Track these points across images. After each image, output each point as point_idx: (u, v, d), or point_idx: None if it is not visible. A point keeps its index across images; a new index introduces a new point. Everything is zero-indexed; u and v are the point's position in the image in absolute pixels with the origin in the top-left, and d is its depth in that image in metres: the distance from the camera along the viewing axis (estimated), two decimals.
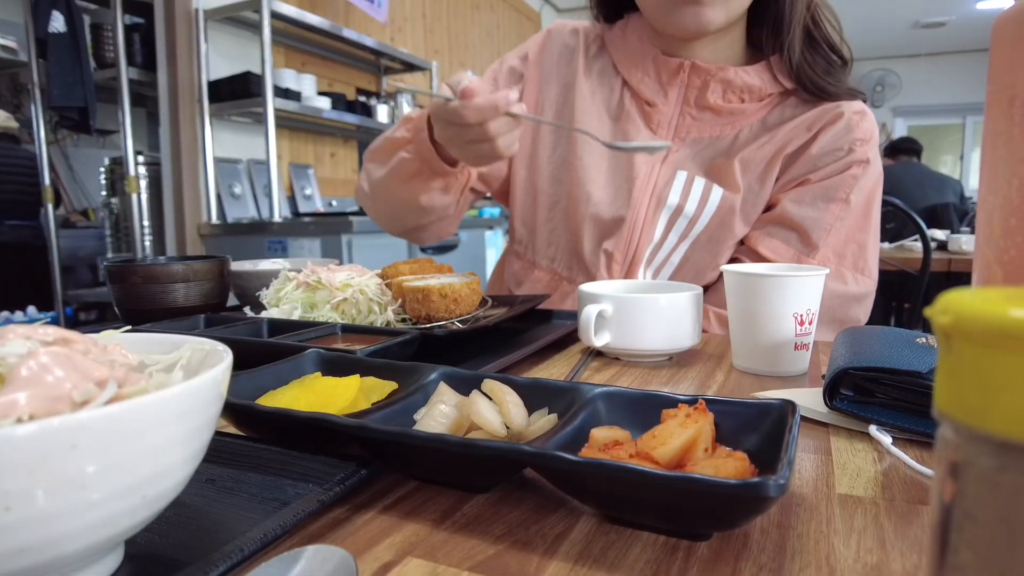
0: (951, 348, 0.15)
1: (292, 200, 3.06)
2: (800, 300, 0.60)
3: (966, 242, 2.59)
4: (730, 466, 0.32)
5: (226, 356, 0.31)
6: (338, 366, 0.49)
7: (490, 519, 0.34)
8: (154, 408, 0.24)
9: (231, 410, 0.40)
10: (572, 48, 1.02)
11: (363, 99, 3.24)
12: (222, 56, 2.67)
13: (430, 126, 0.82)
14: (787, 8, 0.85)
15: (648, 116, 0.94)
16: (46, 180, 2.78)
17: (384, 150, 0.93)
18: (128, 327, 0.36)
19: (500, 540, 0.32)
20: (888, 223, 2.60)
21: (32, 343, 0.27)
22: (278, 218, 2.53)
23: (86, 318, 3.05)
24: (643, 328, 0.64)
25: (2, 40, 2.80)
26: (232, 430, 0.42)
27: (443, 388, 0.43)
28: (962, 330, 0.14)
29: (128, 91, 2.45)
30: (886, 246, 2.65)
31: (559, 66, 1.02)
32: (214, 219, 2.59)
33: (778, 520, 0.34)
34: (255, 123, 2.83)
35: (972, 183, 6.49)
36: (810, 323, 0.61)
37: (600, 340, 0.65)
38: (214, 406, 0.28)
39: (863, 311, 0.87)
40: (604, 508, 0.34)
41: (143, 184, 2.52)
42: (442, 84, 0.72)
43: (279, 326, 0.68)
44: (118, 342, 0.34)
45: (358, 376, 0.46)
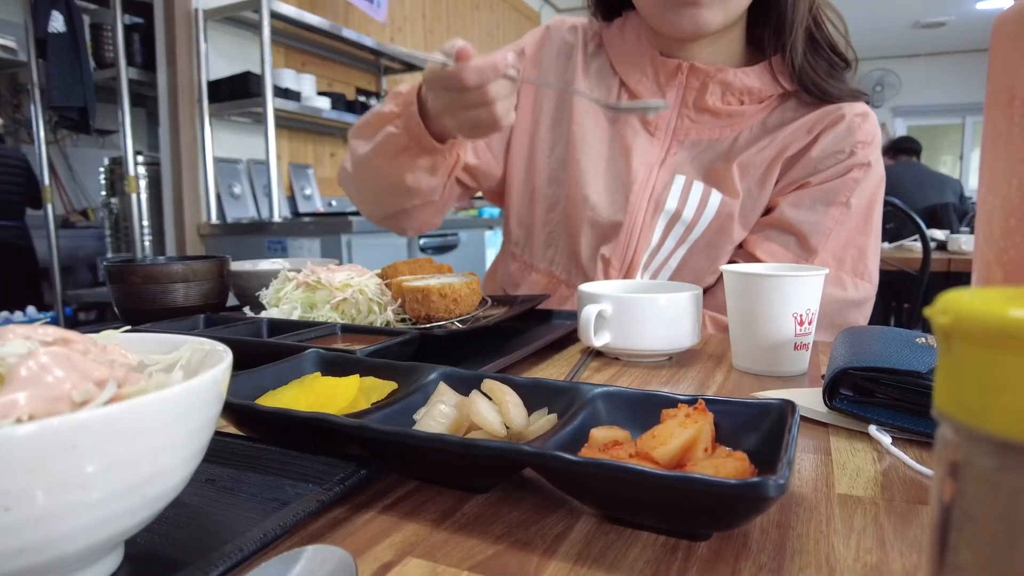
0: (951, 348, 0.15)
1: (292, 200, 3.07)
2: (800, 300, 0.60)
3: (965, 242, 2.60)
4: (730, 466, 0.32)
5: (226, 356, 0.31)
6: (338, 366, 0.49)
7: (490, 519, 0.34)
8: (154, 408, 0.24)
9: (231, 410, 0.40)
10: (571, 45, 0.99)
11: (363, 99, 3.24)
12: (222, 56, 2.67)
13: (420, 101, 0.79)
14: (788, 8, 0.83)
15: (645, 118, 0.92)
16: (46, 180, 2.79)
17: (371, 125, 0.88)
18: (128, 327, 0.36)
19: (500, 540, 0.32)
20: (888, 223, 2.60)
21: (32, 343, 0.27)
22: (278, 218, 2.53)
23: (86, 318, 3.05)
24: (643, 328, 0.64)
25: (2, 40, 2.80)
26: (232, 430, 0.42)
27: (443, 388, 0.43)
28: (962, 330, 0.14)
29: (128, 91, 2.45)
30: (886, 246, 2.66)
31: (557, 64, 0.99)
32: (214, 219, 2.59)
33: (778, 520, 0.34)
34: (255, 123, 2.83)
35: (972, 183, 6.50)
36: (810, 323, 0.61)
37: (600, 340, 0.65)
38: (214, 406, 0.28)
39: (862, 316, 0.86)
40: (604, 508, 0.34)
41: (143, 184, 2.52)
42: (434, 51, 0.68)
43: (279, 326, 0.68)
44: (118, 342, 0.34)
45: (358, 376, 0.46)
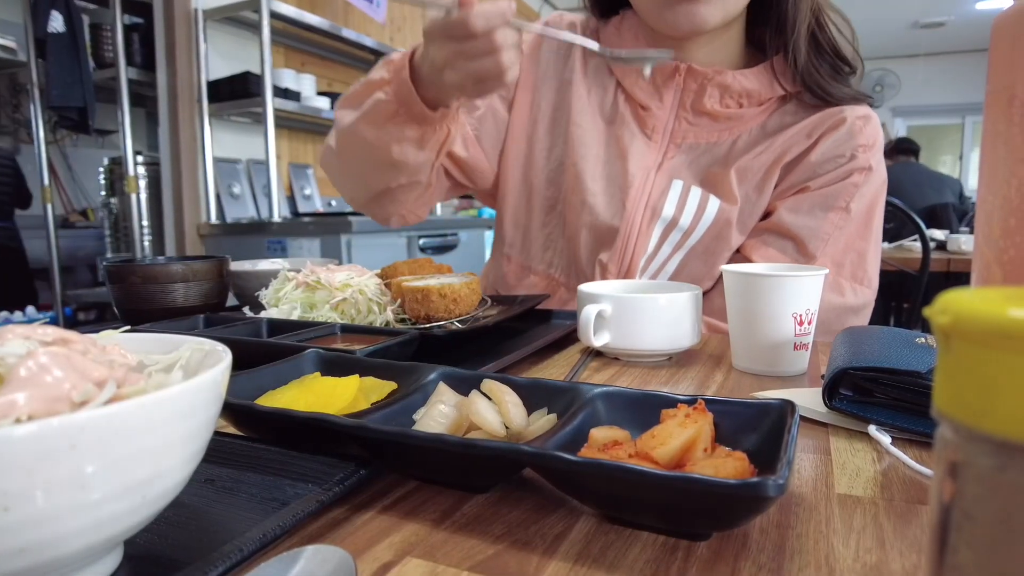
0: (950, 348, 0.15)
1: (291, 200, 3.06)
2: (799, 300, 0.60)
3: (965, 242, 2.60)
4: (729, 466, 0.32)
5: (225, 356, 0.31)
6: (337, 366, 0.49)
7: (489, 519, 0.34)
8: (153, 408, 0.24)
9: (230, 410, 0.40)
10: (570, 43, 0.95)
11: None
12: (221, 56, 2.67)
13: (412, 68, 0.75)
14: (790, 7, 0.81)
15: (642, 120, 0.90)
16: (45, 180, 2.78)
17: (359, 94, 0.84)
18: (127, 327, 0.36)
19: (499, 540, 0.32)
20: (887, 223, 2.59)
21: (31, 343, 0.27)
22: (277, 218, 2.53)
23: (85, 318, 3.05)
24: (642, 328, 0.64)
25: (1, 40, 2.80)
26: (231, 430, 0.42)
27: (442, 388, 0.43)
28: (961, 330, 0.14)
29: (127, 91, 2.45)
30: (885, 246, 2.65)
31: (556, 62, 0.96)
32: (213, 219, 2.59)
33: (777, 520, 0.34)
34: (254, 123, 2.83)
35: (971, 183, 6.50)
36: (809, 323, 0.61)
37: (599, 340, 0.65)
38: (213, 406, 0.28)
39: (860, 322, 0.85)
40: (603, 508, 0.34)
41: (142, 184, 2.52)
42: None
43: (278, 326, 0.68)
44: (117, 342, 0.34)
45: (357, 376, 0.46)
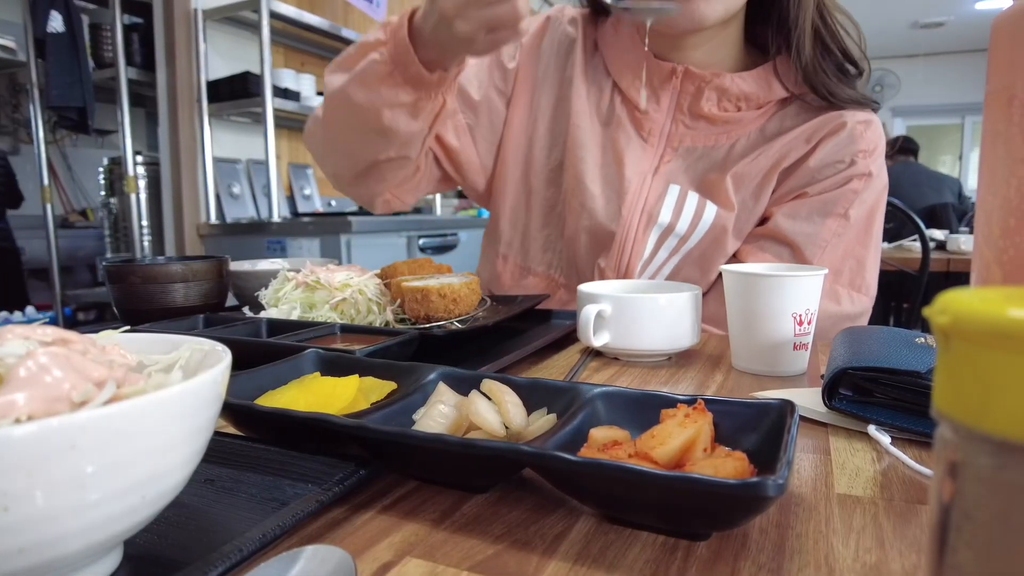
0: (950, 348, 0.15)
1: (291, 200, 3.06)
2: (799, 300, 0.60)
3: (965, 242, 2.60)
4: (729, 466, 0.32)
5: (225, 356, 0.31)
6: (337, 366, 0.49)
7: (489, 519, 0.34)
8: (153, 408, 0.24)
9: (230, 410, 0.40)
10: (572, 39, 0.93)
11: None
12: (221, 56, 2.66)
13: (411, 29, 0.73)
14: (792, 5, 0.79)
15: (639, 123, 0.88)
16: (45, 180, 2.78)
17: (352, 57, 0.80)
18: (127, 327, 0.36)
19: (499, 540, 0.32)
20: (887, 223, 2.59)
21: (31, 343, 0.27)
22: (277, 218, 2.53)
23: (85, 318, 3.05)
24: (642, 328, 0.64)
25: (1, 40, 2.80)
26: (231, 430, 0.42)
27: (442, 388, 0.43)
28: (961, 330, 0.14)
29: (127, 91, 2.45)
30: (885, 246, 2.66)
31: (558, 58, 0.94)
32: (213, 219, 2.59)
33: (777, 520, 0.34)
34: (254, 123, 2.83)
35: (971, 183, 6.50)
36: (809, 323, 0.61)
37: (599, 340, 0.65)
38: (213, 406, 0.28)
39: None
40: (603, 508, 0.34)
41: (142, 184, 2.52)
42: None
43: (278, 326, 0.68)
44: (117, 342, 0.34)
45: (357, 376, 0.46)
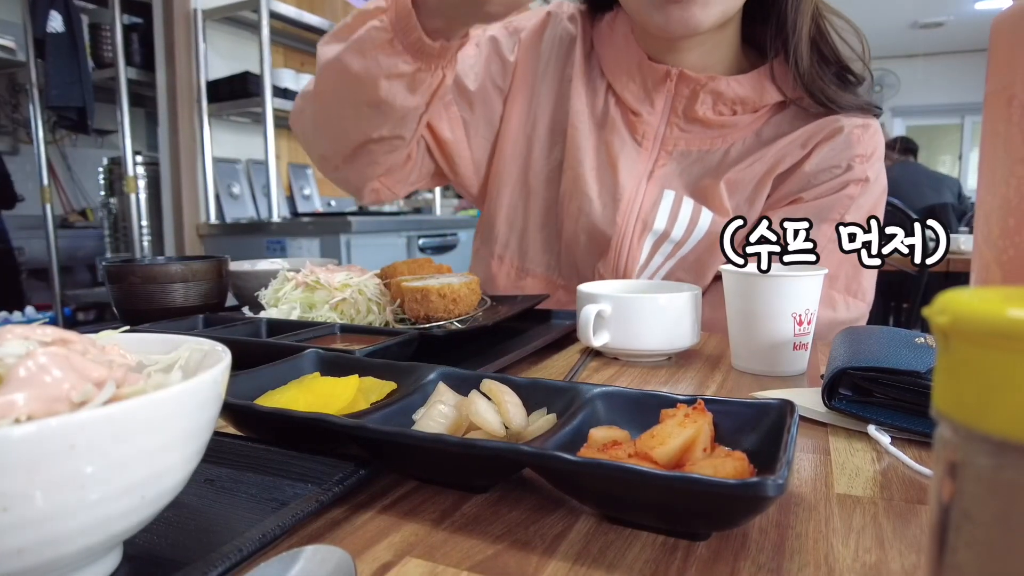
0: (949, 348, 0.15)
1: (291, 200, 3.06)
2: (799, 300, 0.60)
3: (964, 242, 2.60)
4: (729, 466, 0.32)
5: (225, 356, 0.31)
6: (337, 366, 0.49)
7: (489, 519, 0.34)
8: (152, 408, 0.24)
9: (230, 410, 0.40)
10: (572, 35, 0.91)
11: None
12: (221, 56, 2.67)
13: None
14: (789, 8, 0.78)
15: (633, 126, 0.86)
16: (44, 180, 2.78)
17: (348, 26, 0.76)
18: (126, 327, 0.36)
19: (499, 540, 0.32)
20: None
21: (30, 343, 0.27)
22: (277, 218, 2.53)
23: (84, 318, 3.05)
24: (642, 328, 0.64)
25: (0, 40, 2.80)
26: (231, 430, 0.42)
27: (442, 388, 0.43)
28: (960, 330, 0.14)
29: (126, 91, 2.45)
30: None
31: (558, 55, 0.91)
32: (213, 219, 2.59)
33: (777, 520, 0.34)
34: (254, 123, 2.83)
35: (970, 183, 6.50)
36: (809, 323, 0.61)
37: (599, 340, 0.65)
38: (213, 406, 0.28)
39: None
40: (603, 508, 0.34)
41: (142, 184, 2.52)
42: None
43: (278, 326, 0.67)
44: (116, 342, 0.34)
45: (357, 376, 0.46)
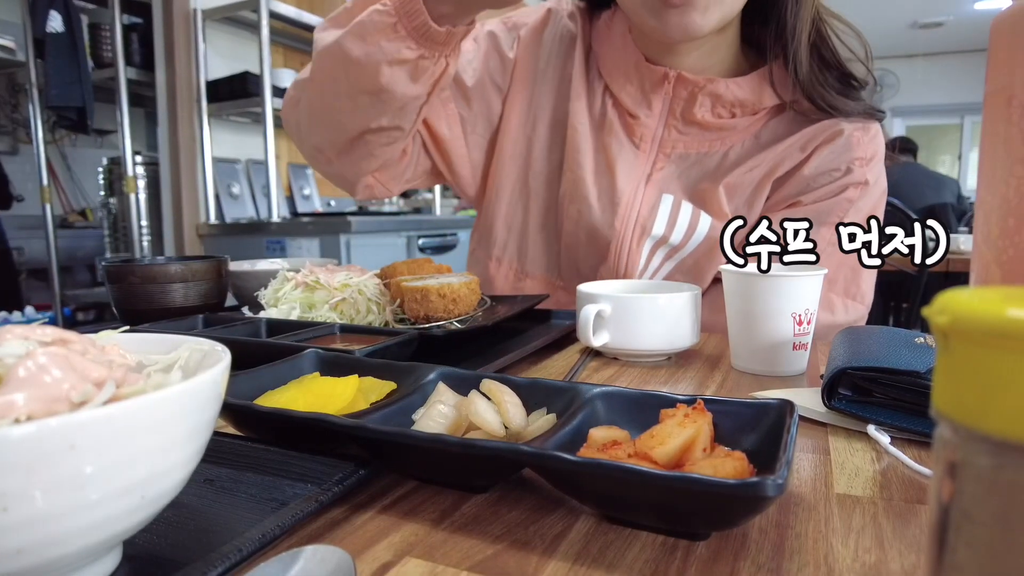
0: (949, 348, 0.15)
1: (291, 200, 3.06)
2: (798, 300, 0.60)
3: (964, 242, 2.59)
4: (728, 466, 0.32)
5: (224, 356, 0.31)
6: (336, 366, 0.49)
7: (489, 519, 0.34)
8: (152, 408, 0.24)
9: (230, 410, 0.40)
10: (573, 33, 0.89)
11: None
12: (220, 56, 2.66)
13: None
14: (789, 12, 0.77)
15: (630, 128, 0.85)
16: (44, 180, 2.78)
17: (348, 11, 0.74)
18: (126, 327, 0.36)
19: (499, 540, 0.32)
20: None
21: (30, 343, 0.27)
22: (276, 218, 2.53)
23: (84, 318, 3.05)
24: (642, 328, 0.64)
25: (0, 40, 2.80)
26: (231, 430, 0.42)
27: (441, 388, 0.43)
28: (960, 330, 0.14)
29: (126, 91, 2.45)
30: None
31: (558, 54, 0.90)
32: (212, 219, 2.59)
33: (776, 520, 0.34)
34: (253, 123, 2.83)
35: (970, 183, 6.50)
36: (808, 323, 0.61)
37: (599, 340, 0.65)
38: (212, 406, 0.28)
39: None
40: (602, 508, 0.34)
41: (141, 184, 2.52)
42: None
43: (277, 326, 0.67)
44: (116, 342, 0.34)
45: (356, 376, 0.46)
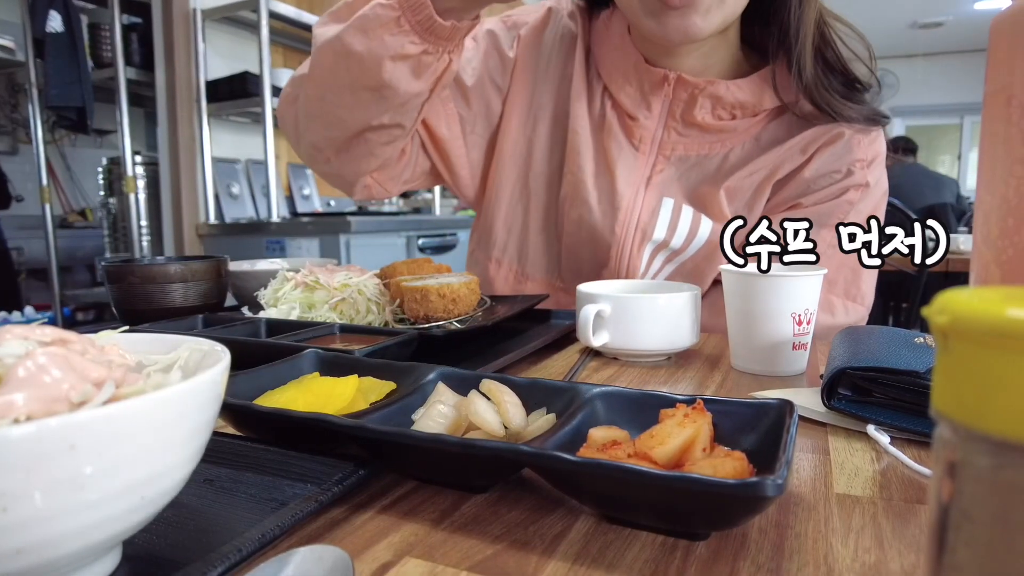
0: (948, 348, 0.15)
1: (290, 200, 3.06)
2: (798, 300, 0.60)
3: (964, 242, 2.60)
4: (728, 466, 0.32)
5: (224, 356, 0.31)
6: (336, 366, 0.49)
7: (488, 519, 0.34)
8: (152, 409, 0.24)
9: (229, 410, 0.40)
10: (574, 33, 0.89)
11: None
12: (220, 56, 2.67)
13: None
14: (792, 14, 0.75)
15: (629, 130, 0.85)
16: (43, 180, 2.78)
17: (349, 6, 0.73)
18: (126, 327, 0.36)
19: (498, 540, 0.32)
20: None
21: (30, 343, 0.27)
22: (276, 218, 2.53)
23: (84, 318, 3.05)
24: (641, 328, 0.64)
25: (0, 40, 2.80)
26: (230, 430, 0.42)
27: (441, 388, 0.43)
28: (959, 330, 0.14)
29: (126, 91, 2.45)
30: None
31: (559, 53, 0.89)
32: (212, 219, 2.59)
33: (776, 520, 0.34)
34: (253, 123, 2.83)
35: (969, 183, 6.50)
36: (808, 323, 0.61)
37: (598, 340, 0.65)
38: (212, 406, 0.28)
39: None
40: (602, 508, 0.34)
41: (141, 184, 2.52)
42: None
43: (277, 326, 0.67)
44: (116, 342, 0.34)
45: (356, 376, 0.46)
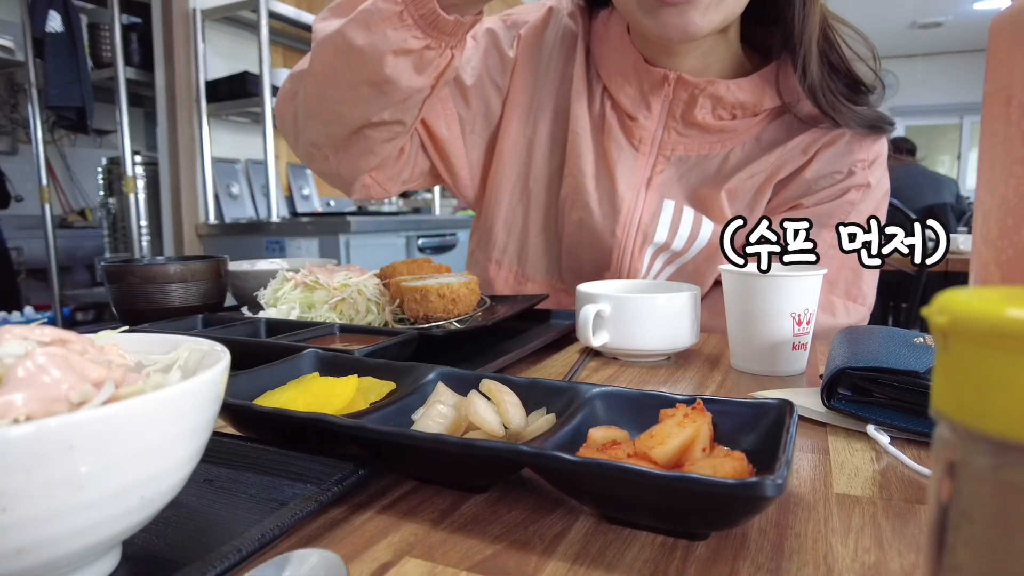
0: (948, 348, 0.15)
1: (290, 200, 3.06)
2: (798, 300, 0.60)
3: (963, 242, 2.60)
4: (728, 466, 0.32)
5: (224, 356, 0.31)
6: (336, 366, 0.49)
7: (488, 519, 0.34)
8: (151, 409, 0.24)
9: (229, 410, 0.40)
10: (575, 33, 0.88)
11: None
12: (220, 56, 2.67)
13: None
14: (796, 15, 0.74)
15: (629, 130, 0.84)
16: (43, 180, 2.78)
17: (350, 1, 0.71)
18: (125, 327, 0.36)
19: (498, 540, 0.32)
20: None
21: (29, 343, 0.27)
22: (276, 218, 2.53)
23: (83, 318, 3.05)
24: (641, 328, 0.64)
25: None
26: (230, 430, 0.42)
27: (441, 388, 0.43)
28: (959, 330, 0.14)
29: (125, 91, 2.45)
30: None
31: (560, 53, 0.88)
32: (212, 219, 2.59)
33: (776, 520, 0.34)
34: (253, 123, 2.83)
35: (969, 183, 6.50)
36: (808, 323, 0.61)
37: (598, 340, 0.65)
38: (212, 406, 0.28)
39: None
40: (602, 508, 0.34)
41: (141, 184, 2.52)
42: None
43: (277, 326, 0.67)
44: (115, 342, 0.34)
45: (356, 376, 0.46)
